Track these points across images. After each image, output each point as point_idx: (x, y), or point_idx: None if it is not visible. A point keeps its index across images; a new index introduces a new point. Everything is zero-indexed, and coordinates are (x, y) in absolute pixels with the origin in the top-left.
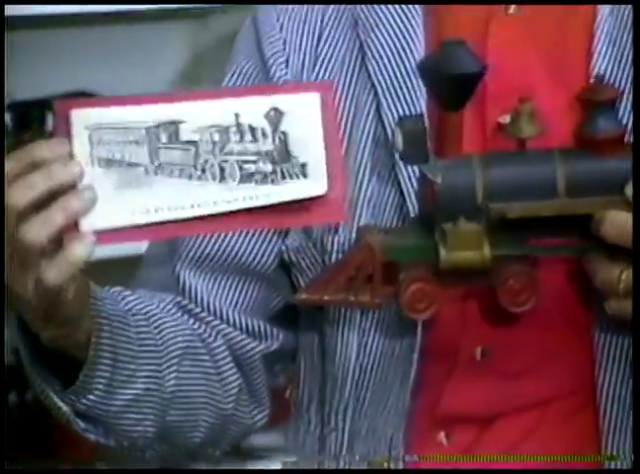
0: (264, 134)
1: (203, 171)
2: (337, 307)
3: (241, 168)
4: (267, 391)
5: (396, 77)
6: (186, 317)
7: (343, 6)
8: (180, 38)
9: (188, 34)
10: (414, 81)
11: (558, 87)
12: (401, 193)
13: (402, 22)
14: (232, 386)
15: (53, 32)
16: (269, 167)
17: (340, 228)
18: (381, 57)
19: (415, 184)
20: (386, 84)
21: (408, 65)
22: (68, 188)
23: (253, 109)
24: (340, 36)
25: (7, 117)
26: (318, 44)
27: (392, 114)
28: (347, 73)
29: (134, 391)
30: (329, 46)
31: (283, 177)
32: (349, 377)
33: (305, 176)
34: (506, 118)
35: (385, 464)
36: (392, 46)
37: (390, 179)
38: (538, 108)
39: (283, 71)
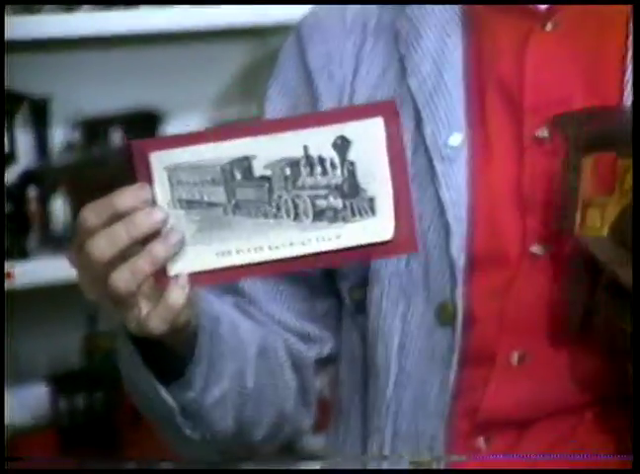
0: (333, 165)
1: (278, 208)
2: (379, 310)
3: (314, 204)
4: (315, 395)
5: (436, 92)
6: (247, 318)
7: (384, 19)
8: (239, 56)
9: (247, 52)
10: (454, 96)
11: (593, 102)
12: (439, 201)
13: (442, 38)
14: (291, 385)
15: (118, 51)
16: (339, 202)
17: None
18: (421, 72)
19: (453, 194)
20: (425, 98)
21: (448, 80)
22: (154, 233)
23: (320, 139)
24: (380, 49)
25: (76, 133)
26: (359, 57)
27: (431, 128)
28: (387, 86)
29: (223, 388)
30: (370, 60)
31: (353, 214)
32: (390, 378)
33: (374, 212)
34: (543, 132)
35: (431, 464)
36: (432, 62)
37: (429, 189)
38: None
39: (327, 85)
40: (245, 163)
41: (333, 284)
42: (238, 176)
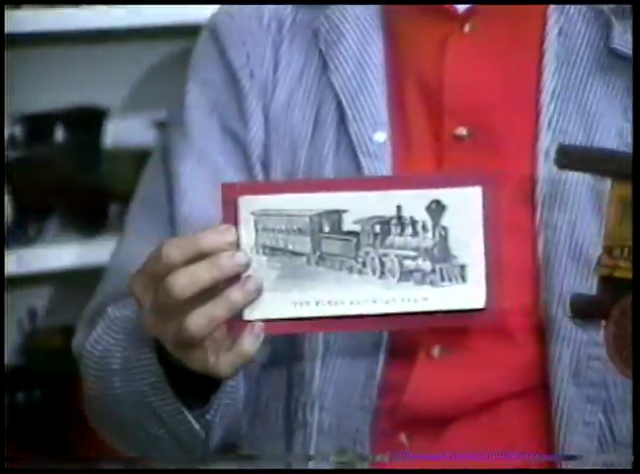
0: (424, 228)
1: (364, 264)
2: None
3: (401, 264)
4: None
5: (360, 91)
6: None
7: (300, 18)
8: (184, 54)
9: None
10: (377, 94)
11: (510, 104)
12: None
13: (363, 37)
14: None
15: (62, 48)
16: (428, 265)
17: None
18: (345, 70)
19: None
20: (351, 96)
21: (371, 78)
22: (233, 277)
23: (415, 201)
24: (298, 47)
25: (17, 129)
26: (278, 56)
27: (357, 125)
28: (307, 83)
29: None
30: (288, 58)
31: (442, 278)
32: (315, 374)
33: (464, 280)
34: (462, 131)
35: (355, 462)
36: (355, 60)
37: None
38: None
39: (251, 84)
40: (335, 216)
41: None
42: (326, 228)
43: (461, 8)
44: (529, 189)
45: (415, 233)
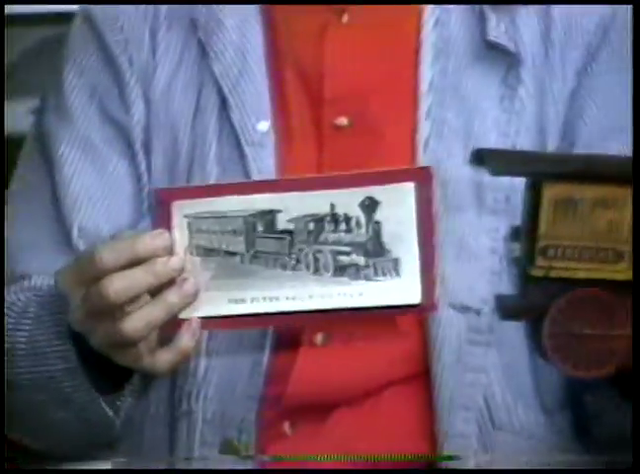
0: (358, 224)
1: (298, 261)
2: None
3: (335, 259)
4: None
5: (243, 79)
6: None
7: (177, 7)
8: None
9: None
10: (259, 83)
11: (389, 93)
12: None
13: (244, 25)
14: None
15: None
16: (362, 260)
17: None
18: (225, 58)
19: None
20: (232, 84)
21: (252, 66)
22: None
23: (349, 198)
24: (175, 34)
25: None
26: (155, 42)
27: (240, 113)
28: (186, 70)
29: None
30: (166, 45)
31: (376, 273)
32: (200, 361)
33: (398, 274)
34: (342, 121)
35: (240, 452)
36: (235, 49)
37: (239, 173)
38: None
39: (131, 70)
40: (269, 217)
41: None
42: (260, 228)
43: None
44: None
45: (349, 229)
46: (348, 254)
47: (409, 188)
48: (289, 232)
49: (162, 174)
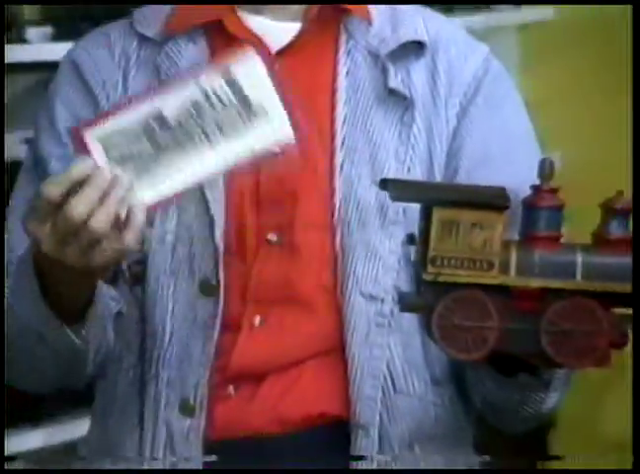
0: (229, 98)
1: (192, 139)
2: (155, 284)
3: (220, 128)
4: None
5: None
6: None
7: (144, 54)
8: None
9: None
10: None
11: (311, 127)
12: (205, 199)
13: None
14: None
15: None
16: (238, 118)
17: (157, 221)
18: None
19: (216, 194)
20: None
21: None
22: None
23: (214, 81)
24: (142, 77)
25: None
26: (126, 85)
27: None
28: None
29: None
30: (134, 86)
31: (249, 119)
32: (165, 335)
33: (267, 113)
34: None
35: (193, 406)
36: None
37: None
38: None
39: (107, 104)
40: (159, 116)
41: None
42: (157, 127)
43: (274, 49)
44: (329, 192)
45: (223, 104)
46: (228, 119)
47: (255, 57)
48: (178, 122)
49: None
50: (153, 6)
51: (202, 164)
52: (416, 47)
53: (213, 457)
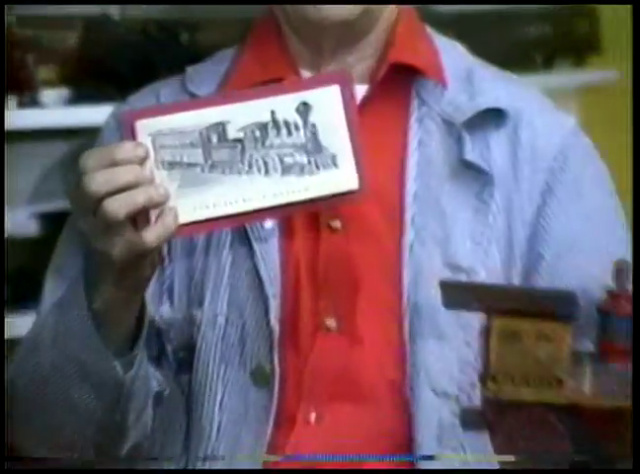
0: (297, 127)
1: (250, 166)
2: (203, 372)
3: (281, 161)
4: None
5: None
6: None
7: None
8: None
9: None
10: None
11: (381, 203)
12: (258, 277)
13: None
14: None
15: None
16: (304, 159)
17: (206, 302)
18: None
19: (271, 272)
20: None
21: None
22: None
23: (285, 105)
24: None
25: None
26: None
27: None
28: None
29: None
30: None
31: (317, 167)
32: (213, 429)
33: (337, 166)
34: (336, 223)
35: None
36: None
37: (248, 266)
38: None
39: None
40: (220, 128)
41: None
42: (214, 139)
43: None
44: (397, 275)
45: (289, 133)
46: (291, 155)
47: (335, 90)
48: (240, 140)
49: (181, 255)
50: (208, 64)
51: (251, 194)
52: (496, 116)
53: None
